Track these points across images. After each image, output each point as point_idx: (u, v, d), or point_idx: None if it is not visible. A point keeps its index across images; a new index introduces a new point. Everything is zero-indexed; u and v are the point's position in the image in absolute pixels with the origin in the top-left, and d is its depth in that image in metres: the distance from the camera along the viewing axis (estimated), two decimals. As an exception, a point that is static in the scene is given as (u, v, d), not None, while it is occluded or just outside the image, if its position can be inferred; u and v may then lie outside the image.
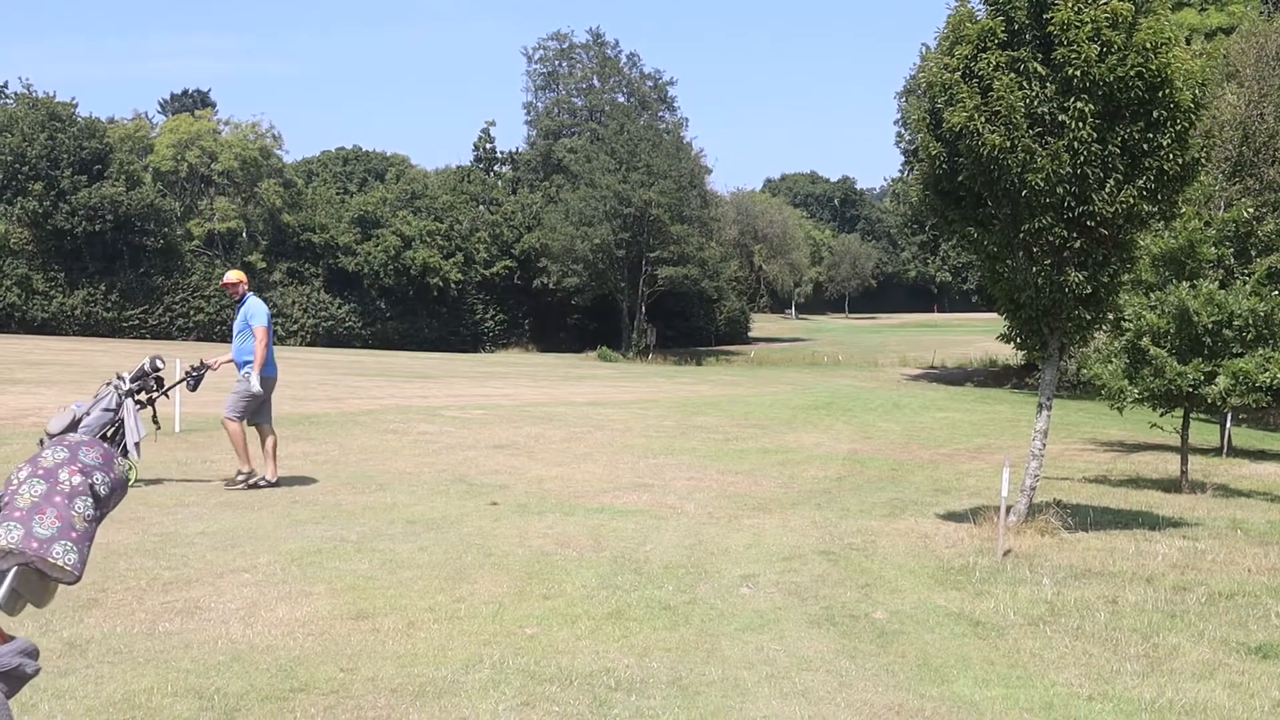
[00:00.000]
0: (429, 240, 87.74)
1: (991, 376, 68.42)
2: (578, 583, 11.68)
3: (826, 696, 8.48)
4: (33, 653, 3.38)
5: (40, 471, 3.38)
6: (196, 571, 11.53)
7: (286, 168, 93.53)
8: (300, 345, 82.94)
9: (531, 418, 30.56)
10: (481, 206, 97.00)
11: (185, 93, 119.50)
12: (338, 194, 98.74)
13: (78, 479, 3.39)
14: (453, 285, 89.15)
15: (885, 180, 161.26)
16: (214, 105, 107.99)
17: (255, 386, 17.29)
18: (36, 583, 3.33)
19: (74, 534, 3.33)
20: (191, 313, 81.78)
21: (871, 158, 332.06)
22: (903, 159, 72.70)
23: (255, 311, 17.53)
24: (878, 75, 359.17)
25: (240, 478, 17.00)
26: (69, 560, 3.30)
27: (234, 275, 18.06)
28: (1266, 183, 37.32)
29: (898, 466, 23.93)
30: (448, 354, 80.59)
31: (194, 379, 17.86)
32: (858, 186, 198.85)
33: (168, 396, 17.43)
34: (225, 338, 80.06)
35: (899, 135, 72.83)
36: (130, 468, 16.09)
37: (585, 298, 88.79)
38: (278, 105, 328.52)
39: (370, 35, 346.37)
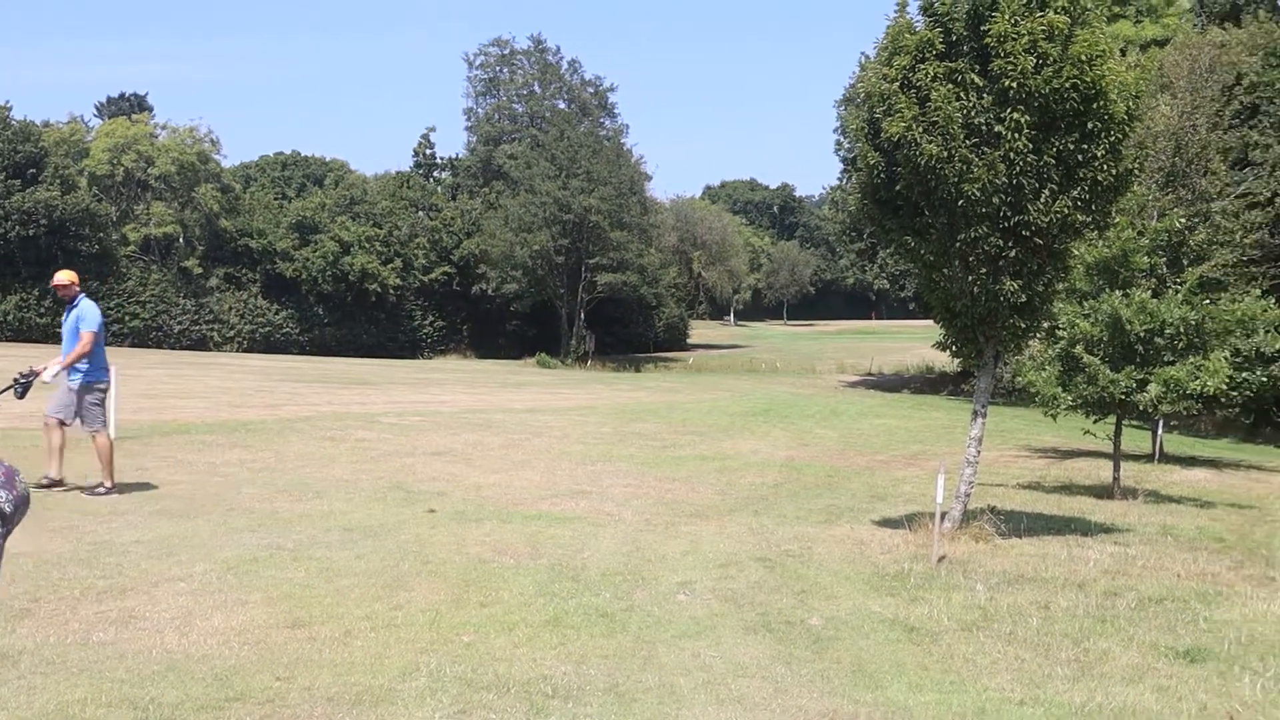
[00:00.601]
0: (368, 246, 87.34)
1: (928, 383, 68.92)
2: (515, 590, 11.67)
3: (762, 703, 8.53)
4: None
5: None
6: (131, 580, 11.43)
7: (224, 172, 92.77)
8: (237, 351, 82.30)
9: (470, 425, 30.50)
10: (421, 212, 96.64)
11: (122, 96, 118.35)
12: (276, 199, 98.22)
13: None
14: (391, 291, 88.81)
15: (824, 188, 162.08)
16: (151, 109, 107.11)
17: (48, 377, 16.43)
18: None
19: None
20: (127, 318, 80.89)
21: (811, 165, 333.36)
22: (842, 167, 73.23)
23: (86, 315, 16.61)
24: (818, 83, 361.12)
25: (101, 490, 16.59)
26: None
27: (65, 276, 16.87)
28: (1198, 193, 37.82)
29: (834, 473, 24.06)
30: (386, 360, 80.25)
31: (21, 386, 16.84)
32: (797, 194, 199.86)
33: None
34: (161, 343, 79.45)
35: (838, 144, 73.34)
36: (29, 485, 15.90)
37: (524, 304, 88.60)
38: (216, 109, 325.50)
39: (310, 40, 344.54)
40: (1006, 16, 14.13)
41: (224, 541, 13.61)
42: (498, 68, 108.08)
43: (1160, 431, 31.31)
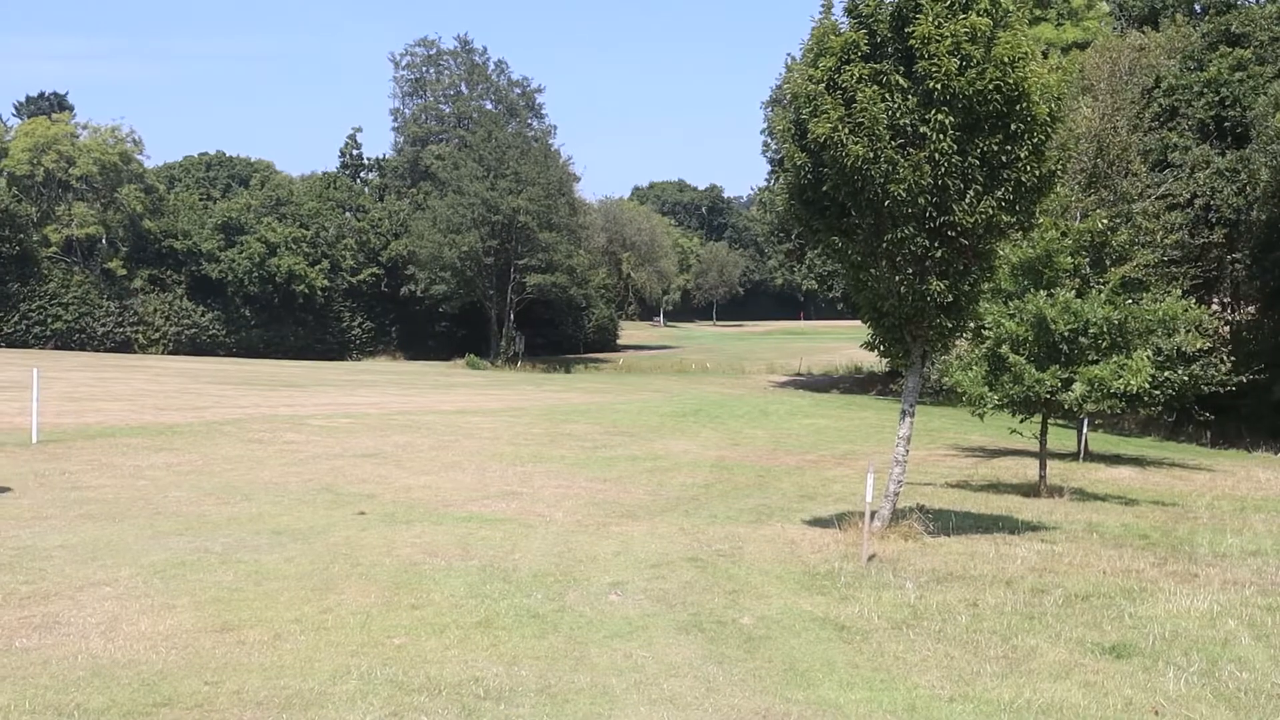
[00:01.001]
0: (294, 247, 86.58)
1: (857, 383, 69.29)
2: (446, 592, 11.65)
3: (694, 702, 8.57)
4: None
5: None
6: (55, 585, 11.31)
7: (148, 173, 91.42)
8: (163, 354, 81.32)
9: (399, 426, 30.36)
10: (348, 213, 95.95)
11: (41, 95, 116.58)
12: (201, 200, 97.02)
13: None
14: (319, 293, 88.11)
15: (752, 189, 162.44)
16: (72, 109, 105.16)
17: None
18: None
19: None
20: (49, 320, 79.79)
21: (739, 166, 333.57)
22: (769, 168, 73.39)
23: None
24: (746, 84, 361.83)
25: None
26: None
27: None
28: (1120, 194, 38.26)
29: (765, 473, 24.16)
30: (314, 362, 79.71)
31: None
32: (725, 195, 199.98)
33: None
34: (84, 345, 78.43)
35: (766, 144, 73.56)
36: None
37: (453, 305, 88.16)
38: (139, 109, 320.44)
39: (235, 40, 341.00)
40: (930, 18, 14.26)
41: (150, 545, 13.49)
42: (424, 68, 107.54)
43: (1085, 430, 31.68)
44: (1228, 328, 47.25)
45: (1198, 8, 59.01)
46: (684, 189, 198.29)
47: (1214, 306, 47.23)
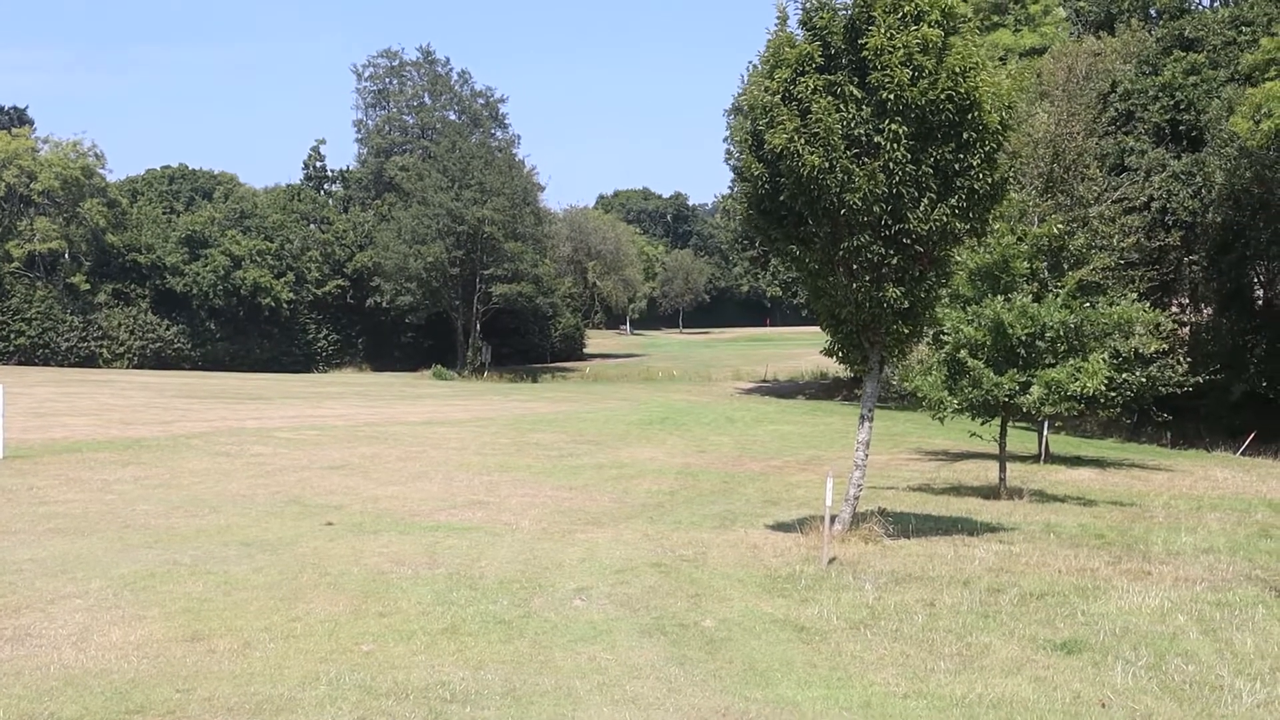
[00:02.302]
0: (259, 260, 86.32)
1: (822, 389, 69.53)
2: (413, 599, 11.82)
3: (656, 702, 8.78)
4: None
5: None
6: (25, 598, 11.43)
7: (110, 187, 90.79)
8: (127, 368, 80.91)
9: (366, 437, 30.45)
10: (313, 225, 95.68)
11: (1, 110, 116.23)
12: (164, 213, 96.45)
13: None
14: (284, 305, 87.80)
15: (716, 196, 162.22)
16: (32, 123, 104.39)
17: None
18: None
19: None
20: (12, 336, 79.37)
21: (703, 174, 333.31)
22: (733, 176, 73.61)
23: None
24: (710, 92, 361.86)
25: None
26: None
27: None
28: (1076, 198, 38.68)
29: (729, 479, 24.39)
30: (280, 375, 79.50)
31: None
32: (690, 202, 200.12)
33: None
34: (48, 360, 78.09)
35: (729, 153, 73.69)
36: None
37: (419, 316, 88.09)
38: (100, 123, 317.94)
39: (196, 51, 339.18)
40: (882, 30, 14.53)
41: (120, 558, 13.60)
42: (387, 79, 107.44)
43: (1045, 432, 32.01)
44: (1186, 329, 47.79)
45: (1153, 13, 59.66)
46: (648, 197, 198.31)
47: (1172, 309, 47.73)
